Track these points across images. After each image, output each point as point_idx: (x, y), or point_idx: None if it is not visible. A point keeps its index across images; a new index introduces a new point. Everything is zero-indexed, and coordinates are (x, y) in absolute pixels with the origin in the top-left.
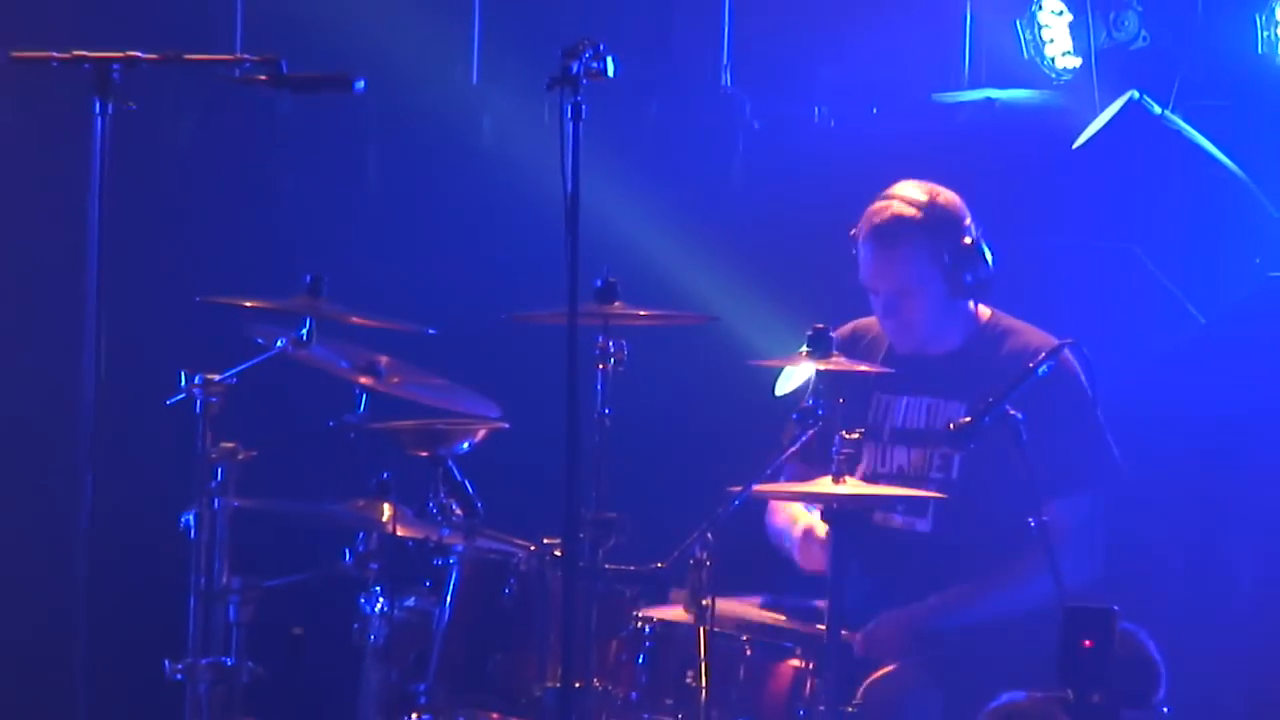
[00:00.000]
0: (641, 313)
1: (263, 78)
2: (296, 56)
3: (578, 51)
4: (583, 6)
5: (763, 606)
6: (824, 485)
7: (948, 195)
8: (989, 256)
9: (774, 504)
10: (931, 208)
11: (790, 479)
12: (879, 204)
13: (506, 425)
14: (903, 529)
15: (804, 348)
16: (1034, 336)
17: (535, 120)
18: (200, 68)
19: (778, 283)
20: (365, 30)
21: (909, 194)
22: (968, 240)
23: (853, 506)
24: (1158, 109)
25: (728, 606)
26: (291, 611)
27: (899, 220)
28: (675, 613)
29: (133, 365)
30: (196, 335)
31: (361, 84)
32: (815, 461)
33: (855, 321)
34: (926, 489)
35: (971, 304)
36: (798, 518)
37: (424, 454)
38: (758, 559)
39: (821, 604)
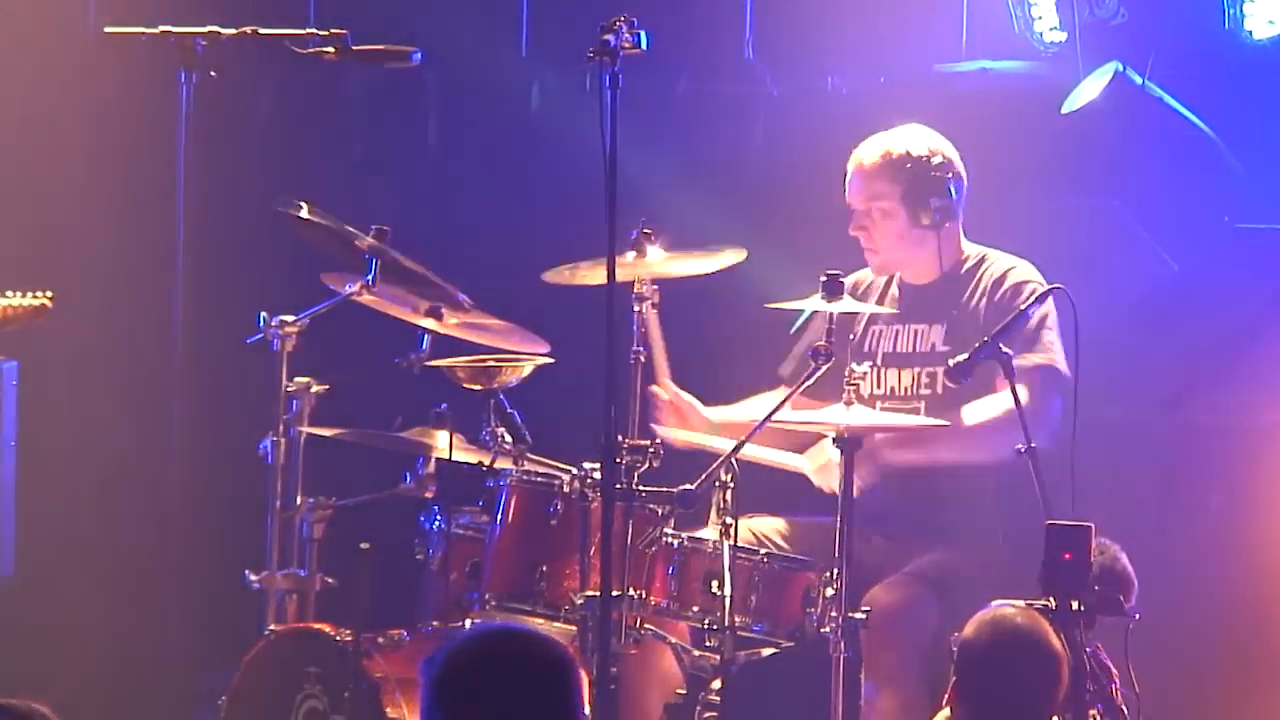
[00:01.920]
0: (673, 259)
1: (331, 51)
2: (363, 33)
3: (614, 27)
4: None
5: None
6: (834, 413)
7: (937, 144)
8: (954, 197)
9: None
10: (916, 149)
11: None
12: (879, 133)
13: (552, 361)
14: None
15: (819, 291)
16: (1006, 261)
17: (578, 89)
18: (275, 42)
19: (795, 233)
20: (426, 9)
21: (904, 133)
22: (937, 184)
23: (861, 434)
24: (1139, 79)
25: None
26: (359, 528)
27: (882, 153)
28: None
29: (217, 308)
30: (274, 281)
31: (419, 56)
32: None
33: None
34: (916, 405)
35: (953, 236)
36: None
37: (478, 388)
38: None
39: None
